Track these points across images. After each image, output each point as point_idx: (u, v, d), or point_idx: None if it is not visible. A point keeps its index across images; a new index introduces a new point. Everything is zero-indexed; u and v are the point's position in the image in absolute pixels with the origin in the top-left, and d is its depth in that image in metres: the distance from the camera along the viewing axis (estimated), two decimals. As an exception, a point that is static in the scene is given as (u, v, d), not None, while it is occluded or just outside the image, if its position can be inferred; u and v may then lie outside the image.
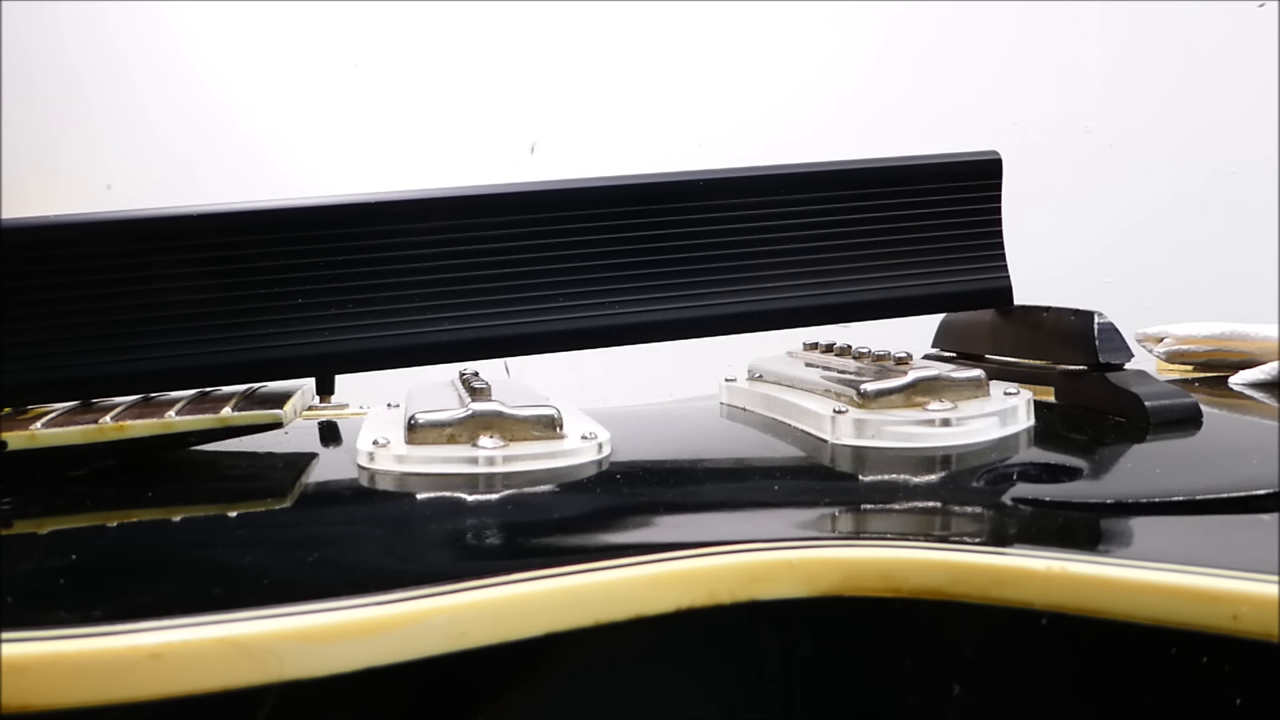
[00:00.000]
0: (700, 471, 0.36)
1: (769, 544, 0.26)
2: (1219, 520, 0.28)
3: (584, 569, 0.24)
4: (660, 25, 0.94)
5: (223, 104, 0.94)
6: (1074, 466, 0.32)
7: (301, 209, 0.37)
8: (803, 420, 0.38)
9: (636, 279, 0.39)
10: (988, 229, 0.42)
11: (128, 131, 0.93)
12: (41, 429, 0.33)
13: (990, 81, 0.94)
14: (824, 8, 0.94)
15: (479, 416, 0.34)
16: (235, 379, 0.37)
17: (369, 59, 0.94)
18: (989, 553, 0.25)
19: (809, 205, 0.40)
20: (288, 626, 0.21)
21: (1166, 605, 0.23)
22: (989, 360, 0.46)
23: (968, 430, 0.35)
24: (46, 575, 0.25)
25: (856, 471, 0.33)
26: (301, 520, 0.31)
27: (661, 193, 0.39)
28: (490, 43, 0.94)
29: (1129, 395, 0.37)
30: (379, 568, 0.26)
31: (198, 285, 0.36)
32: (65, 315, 0.35)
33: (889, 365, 0.40)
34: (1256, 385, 0.46)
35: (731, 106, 0.94)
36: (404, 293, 0.37)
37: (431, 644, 0.22)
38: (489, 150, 0.94)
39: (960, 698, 0.25)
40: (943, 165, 0.42)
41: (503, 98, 0.94)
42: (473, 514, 0.29)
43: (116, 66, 0.93)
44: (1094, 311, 0.40)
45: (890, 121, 0.94)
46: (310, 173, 0.93)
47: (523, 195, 0.38)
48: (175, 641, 0.21)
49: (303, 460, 0.37)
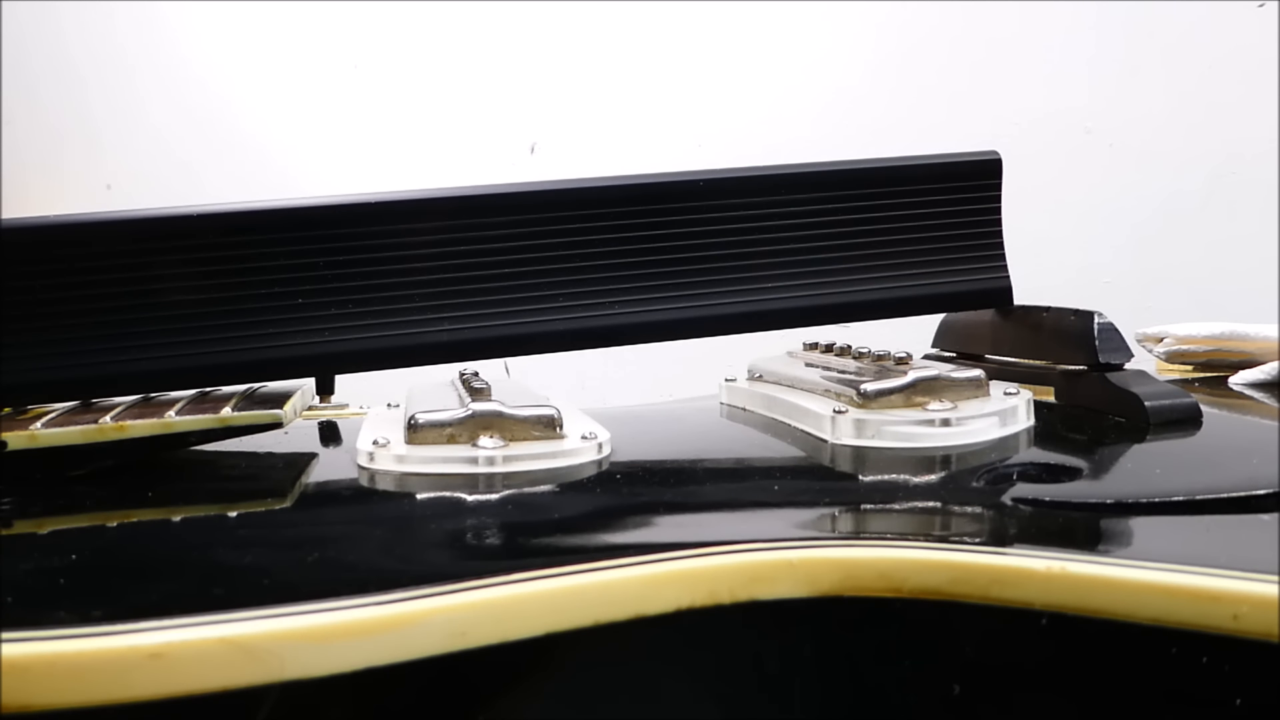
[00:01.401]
0: (700, 471, 0.36)
1: (769, 544, 0.26)
2: (1219, 520, 0.28)
3: (584, 569, 0.24)
4: (660, 25, 0.94)
5: (224, 104, 0.94)
6: (1074, 466, 0.32)
7: (301, 209, 0.37)
8: (803, 420, 0.38)
9: (636, 279, 0.39)
10: (988, 229, 0.42)
11: (128, 131, 0.93)
12: (41, 429, 0.33)
13: (990, 81, 0.94)
14: (824, 7, 0.94)
15: (479, 416, 0.34)
16: (235, 379, 0.37)
17: (369, 59, 0.94)
18: (989, 553, 0.25)
19: (809, 205, 0.40)
20: (288, 626, 0.21)
21: (1166, 605, 0.23)
22: (989, 360, 0.46)
23: (968, 430, 0.35)
24: (46, 575, 0.25)
25: (856, 471, 0.33)
26: (301, 520, 0.31)
27: (661, 193, 0.39)
28: (490, 43, 0.94)
29: (1129, 395, 0.37)
30: (379, 568, 0.26)
31: (198, 285, 0.36)
32: (65, 315, 0.35)
33: (889, 365, 0.40)
34: (1256, 385, 0.46)
35: (731, 106, 0.94)
36: (404, 293, 0.37)
37: (431, 644, 0.22)
38: (489, 150, 0.94)
39: (960, 698, 0.25)
40: (943, 165, 0.42)
41: (503, 98, 0.94)
42: (473, 514, 0.29)
43: (117, 66, 0.93)
44: (1094, 311, 0.40)
45: (890, 121, 0.94)
46: (310, 173, 0.93)
47: (523, 195, 0.38)
48: (175, 641, 0.21)
49: (303, 460, 0.37)
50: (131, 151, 0.93)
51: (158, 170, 0.93)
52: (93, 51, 0.93)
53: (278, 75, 0.94)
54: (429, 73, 0.94)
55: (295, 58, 0.93)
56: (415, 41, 0.94)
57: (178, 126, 0.93)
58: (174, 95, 0.93)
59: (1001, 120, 0.94)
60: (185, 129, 0.93)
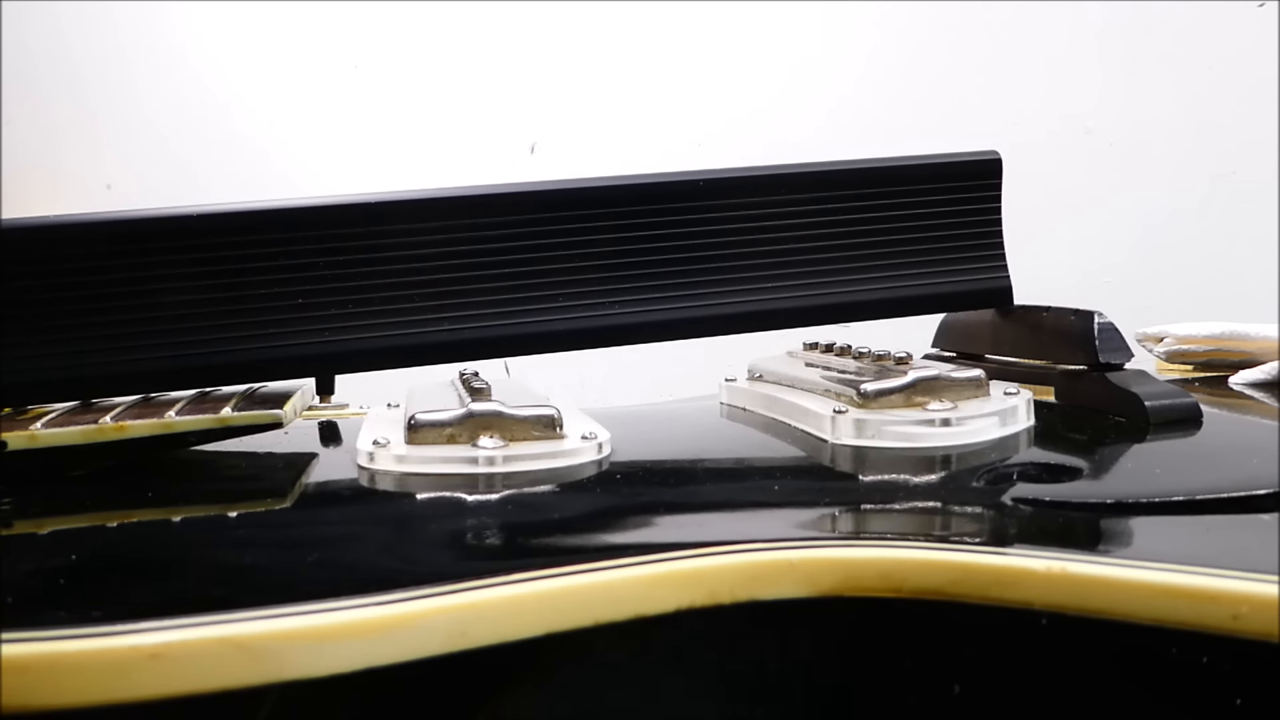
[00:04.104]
0: (700, 471, 0.36)
1: (769, 544, 0.26)
2: (1219, 520, 0.28)
3: (584, 569, 0.24)
4: (660, 25, 0.94)
5: (223, 104, 0.94)
6: (1074, 466, 0.32)
7: (301, 209, 0.37)
8: (803, 420, 0.38)
9: (636, 279, 0.39)
10: (988, 229, 0.42)
11: (128, 131, 0.93)
12: (41, 429, 0.33)
13: (990, 81, 0.94)
14: (823, 7, 0.94)
15: (479, 416, 0.34)
16: (235, 379, 0.37)
17: (369, 59, 0.94)
18: (989, 553, 0.25)
19: (809, 205, 0.40)
20: (288, 626, 0.21)
21: (1166, 605, 0.23)
22: (989, 360, 0.46)
23: (968, 430, 0.35)
24: (46, 575, 0.25)
25: (856, 471, 0.33)
26: (301, 520, 0.31)
27: (661, 193, 0.39)
28: (490, 43, 0.94)
29: (1129, 395, 0.37)
30: (379, 568, 0.26)
31: (198, 285, 0.36)
32: (65, 315, 0.35)
33: (889, 365, 0.39)
34: (1256, 385, 0.46)
35: (731, 106, 0.94)
36: (404, 293, 0.37)
37: (432, 644, 0.22)
38: (489, 150, 0.94)
39: (960, 698, 0.25)
40: (943, 165, 0.42)
41: (503, 98, 0.94)
42: (473, 514, 0.29)
43: (117, 66, 0.93)
44: (1094, 311, 0.40)
45: (890, 121, 0.94)
46: (310, 173, 0.93)
47: (523, 195, 0.38)
48: (175, 641, 0.21)
49: (303, 460, 0.37)
50: (131, 151, 0.93)
51: (158, 170, 0.93)
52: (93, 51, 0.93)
53: (278, 75, 0.94)
54: (429, 73, 0.94)
55: (295, 58, 0.93)
56: (415, 41, 0.94)
57: (178, 126, 0.93)
58: (174, 95, 0.93)
59: (1001, 120, 0.94)
60: (185, 129, 0.93)
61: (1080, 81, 0.95)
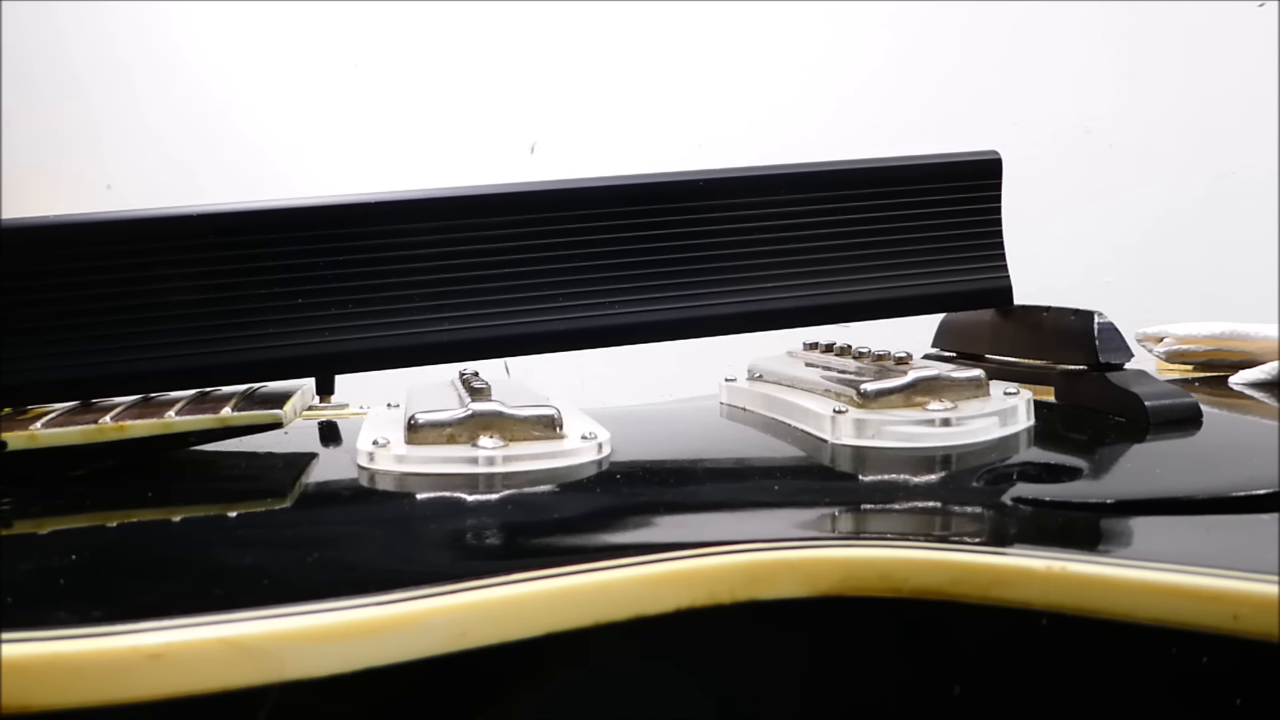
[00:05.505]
0: (700, 471, 0.36)
1: (769, 544, 0.26)
2: (1219, 520, 0.28)
3: (584, 569, 0.24)
4: (660, 25, 0.94)
5: (223, 104, 0.94)
6: (1074, 466, 0.32)
7: (301, 209, 0.37)
8: (803, 420, 0.38)
9: (636, 279, 0.39)
10: (988, 229, 0.42)
11: (128, 131, 0.93)
12: (41, 429, 0.33)
13: (990, 81, 0.94)
14: (824, 7, 0.94)
15: (479, 416, 0.34)
16: (235, 379, 0.37)
17: (369, 59, 0.94)
18: (989, 553, 0.25)
19: (809, 205, 0.40)
20: (288, 626, 0.21)
21: (1166, 605, 0.23)
22: (989, 360, 0.46)
23: (968, 430, 0.35)
24: (46, 575, 0.25)
25: (856, 471, 0.33)
26: (301, 520, 0.31)
27: (661, 193, 0.39)
28: (490, 43, 0.94)
29: (1129, 395, 0.37)
30: (379, 568, 0.26)
31: (198, 285, 0.36)
32: (65, 315, 0.35)
33: (889, 365, 0.39)
34: (1256, 385, 0.46)
35: (731, 106, 0.94)
36: (404, 293, 0.37)
37: (431, 644, 0.22)
38: (489, 150, 0.94)
39: (960, 698, 0.25)
40: (943, 165, 0.42)
41: (503, 98, 0.94)
42: (473, 514, 0.29)
43: (117, 66, 0.93)
44: (1094, 311, 0.40)
45: (890, 121, 0.94)
46: (310, 173, 0.93)
47: (523, 195, 0.38)
48: (175, 641, 0.21)
49: (303, 460, 0.37)
50: (131, 151, 0.93)
51: (157, 170, 0.93)
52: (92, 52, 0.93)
53: (278, 75, 0.94)
54: (429, 73, 0.94)
55: (295, 58, 0.93)
56: (415, 41, 0.94)
57: (178, 127, 0.93)
58: (174, 95, 0.93)
59: (1001, 120, 0.94)
60: (185, 129, 0.93)
61: (1080, 82, 0.95)
